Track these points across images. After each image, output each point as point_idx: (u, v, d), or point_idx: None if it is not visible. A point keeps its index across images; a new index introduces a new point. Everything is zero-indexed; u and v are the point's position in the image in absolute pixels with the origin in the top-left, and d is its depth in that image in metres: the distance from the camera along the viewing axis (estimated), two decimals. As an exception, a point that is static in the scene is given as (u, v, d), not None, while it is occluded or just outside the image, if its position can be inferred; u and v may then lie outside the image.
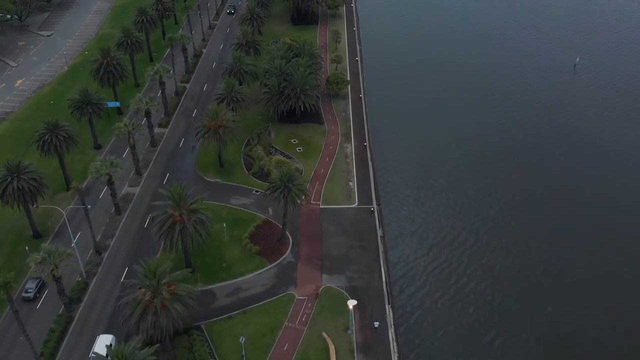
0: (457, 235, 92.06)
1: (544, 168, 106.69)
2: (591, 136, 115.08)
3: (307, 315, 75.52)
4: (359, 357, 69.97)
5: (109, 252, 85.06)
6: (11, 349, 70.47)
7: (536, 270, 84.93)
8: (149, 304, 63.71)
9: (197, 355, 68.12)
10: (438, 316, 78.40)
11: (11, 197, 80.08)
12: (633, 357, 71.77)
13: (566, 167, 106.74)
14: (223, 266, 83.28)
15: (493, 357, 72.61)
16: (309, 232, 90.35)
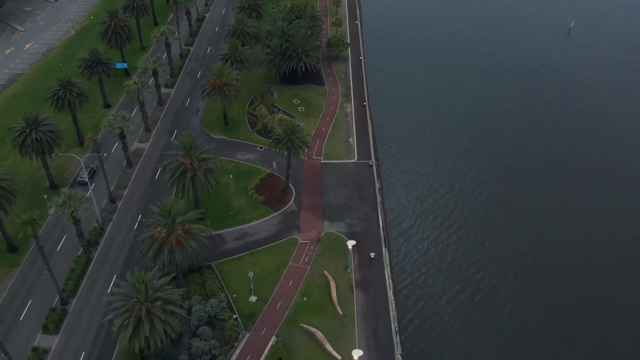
0: (449, 186, 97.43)
1: (536, 126, 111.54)
2: (585, 100, 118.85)
3: (309, 256, 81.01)
4: (358, 292, 75.62)
5: (123, 201, 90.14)
6: (34, 285, 75.93)
7: (521, 214, 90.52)
8: (164, 241, 68.91)
9: (208, 290, 73.69)
10: (430, 257, 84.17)
11: (30, 148, 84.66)
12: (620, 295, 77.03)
13: (559, 125, 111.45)
14: (231, 214, 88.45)
15: (476, 289, 78.39)
16: (311, 184, 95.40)
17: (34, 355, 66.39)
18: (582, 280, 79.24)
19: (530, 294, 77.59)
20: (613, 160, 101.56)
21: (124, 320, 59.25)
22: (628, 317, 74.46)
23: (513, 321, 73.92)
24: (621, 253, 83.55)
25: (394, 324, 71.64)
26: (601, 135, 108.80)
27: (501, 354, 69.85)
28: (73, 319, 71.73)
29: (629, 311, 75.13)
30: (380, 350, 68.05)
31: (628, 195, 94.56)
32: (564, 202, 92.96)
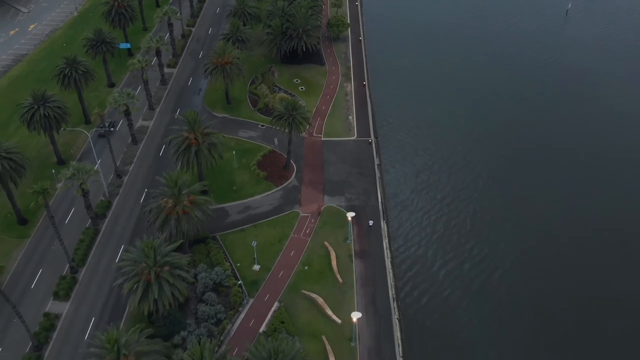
0: (446, 160, 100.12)
1: (533, 105, 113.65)
2: (584, 83, 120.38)
3: (310, 228, 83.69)
4: (357, 261, 78.43)
5: (129, 176, 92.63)
6: (44, 256, 78.65)
7: (513, 188, 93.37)
8: (170, 211, 71.47)
9: (213, 259, 76.42)
10: (425, 228, 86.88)
11: (38, 124, 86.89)
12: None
13: (555, 104, 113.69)
14: (234, 189, 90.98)
15: (467, 257, 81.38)
16: (312, 161, 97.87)
17: (46, 320, 69.21)
18: (570, 249, 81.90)
19: (519, 261, 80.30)
20: (609, 140, 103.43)
21: (133, 284, 61.95)
22: (616, 279, 77.34)
23: (501, 286, 76.77)
24: (614, 224, 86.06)
25: (391, 290, 74.52)
26: (598, 115, 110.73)
27: (489, 316, 72.84)
28: (83, 287, 74.55)
29: (617, 275, 77.96)
30: (379, 315, 70.98)
31: (621, 166, 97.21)
32: (557, 177, 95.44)
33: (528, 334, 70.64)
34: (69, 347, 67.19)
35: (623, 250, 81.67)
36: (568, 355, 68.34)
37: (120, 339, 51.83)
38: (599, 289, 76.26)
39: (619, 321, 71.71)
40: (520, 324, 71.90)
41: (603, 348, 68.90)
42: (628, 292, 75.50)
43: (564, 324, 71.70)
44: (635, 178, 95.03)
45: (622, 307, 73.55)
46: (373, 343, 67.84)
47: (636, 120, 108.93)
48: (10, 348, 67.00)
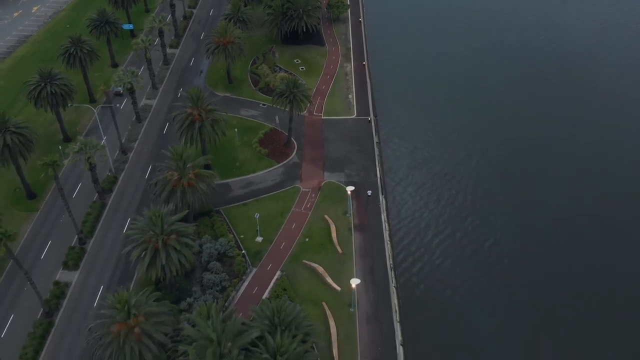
0: (442, 138, 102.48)
1: (529, 84, 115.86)
2: (582, 65, 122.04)
3: (311, 203, 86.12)
4: (356, 233, 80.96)
5: (133, 153, 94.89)
6: (53, 228, 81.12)
7: (507, 164, 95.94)
8: (176, 183, 73.79)
9: (217, 231, 78.92)
10: (422, 202, 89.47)
11: (45, 101, 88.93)
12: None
13: (551, 82, 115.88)
14: (236, 165, 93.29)
15: (462, 230, 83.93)
16: (312, 139, 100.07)
17: (56, 288, 71.82)
18: (561, 221, 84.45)
19: (510, 233, 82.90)
20: (608, 123, 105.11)
21: (141, 251, 64.41)
22: (606, 248, 79.99)
23: (492, 255, 79.55)
24: (607, 198, 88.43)
25: (389, 261, 77.13)
26: (596, 96, 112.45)
27: (480, 282, 75.72)
28: (91, 257, 77.08)
29: (608, 244, 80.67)
30: (377, 283, 73.65)
31: (617, 140, 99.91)
32: (552, 154, 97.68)
33: (516, 297, 73.52)
34: (78, 314, 69.82)
35: (616, 223, 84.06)
36: (555, 317, 71.07)
37: (130, 299, 54.35)
38: (588, 256, 79.06)
39: (607, 287, 74.42)
40: (509, 289, 74.79)
41: (585, 310, 71.64)
42: (619, 260, 78.07)
43: (552, 288, 74.55)
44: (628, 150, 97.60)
45: (612, 274, 76.20)
46: (371, 309, 70.53)
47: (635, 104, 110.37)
48: (23, 314, 69.59)
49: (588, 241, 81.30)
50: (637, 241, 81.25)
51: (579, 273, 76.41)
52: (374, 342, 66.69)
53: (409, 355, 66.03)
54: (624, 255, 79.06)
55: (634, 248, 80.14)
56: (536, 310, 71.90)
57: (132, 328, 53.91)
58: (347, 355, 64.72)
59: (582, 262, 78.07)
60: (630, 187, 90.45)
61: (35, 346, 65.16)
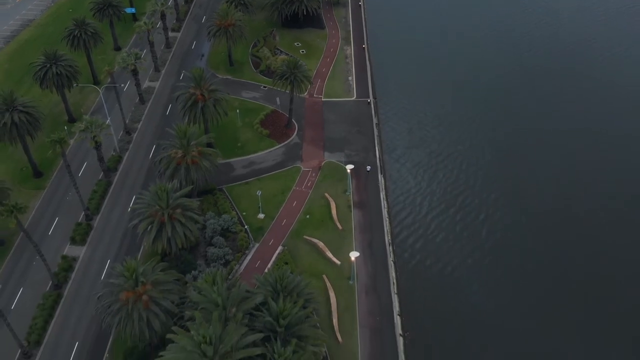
0: (440, 119, 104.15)
1: (527, 64, 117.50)
2: (584, 54, 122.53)
3: (311, 181, 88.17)
4: (355, 211, 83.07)
5: (137, 133, 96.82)
6: (60, 205, 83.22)
7: (504, 144, 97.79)
8: (180, 161, 75.77)
9: (220, 209, 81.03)
10: (419, 180, 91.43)
11: (50, 82, 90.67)
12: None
13: (548, 65, 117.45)
14: (238, 145, 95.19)
15: (458, 207, 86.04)
16: (313, 120, 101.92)
17: (64, 262, 74.06)
18: (554, 199, 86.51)
19: (502, 209, 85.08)
20: (607, 107, 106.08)
21: (147, 224, 66.54)
22: (599, 223, 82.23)
23: (485, 232, 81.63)
24: (602, 175, 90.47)
25: (387, 236, 79.31)
26: (595, 80, 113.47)
27: (474, 257, 78.03)
28: (98, 233, 79.25)
29: (601, 218, 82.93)
30: (375, 257, 75.92)
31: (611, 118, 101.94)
32: (547, 134, 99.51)
33: (507, 269, 75.92)
34: (86, 286, 72.07)
35: (609, 198, 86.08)
36: (545, 286, 73.64)
37: (138, 268, 56.52)
38: (580, 229, 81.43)
39: (599, 259, 76.70)
40: (500, 261, 77.11)
41: (574, 280, 73.86)
42: (612, 233, 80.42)
43: (543, 261, 76.92)
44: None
45: (605, 246, 78.59)
46: (370, 281, 72.82)
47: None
48: (32, 287, 71.86)
49: (581, 215, 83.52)
50: (628, 212, 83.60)
51: (570, 245, 78.72)
52: (372, 312, 69.05)
53: (406, 325, 68.37)
54: (618, 227, 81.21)
55: (627, 219, 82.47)
56: (526, 280, 74.25)
57: (140, 295, 56.11)
58: (346, 324, 67.10)
59: (574, 235, 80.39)
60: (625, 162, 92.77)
61: (45, 317, 67.48)
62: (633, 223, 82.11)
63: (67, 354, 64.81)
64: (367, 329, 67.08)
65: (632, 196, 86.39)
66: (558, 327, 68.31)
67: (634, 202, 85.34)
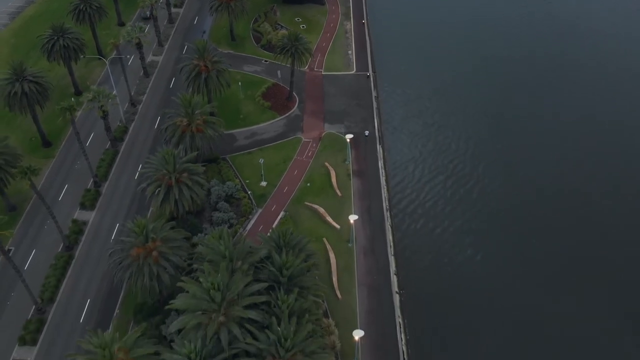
0: (437, 91, 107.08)
1: (526, 42, 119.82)
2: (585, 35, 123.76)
3: (312, 151, 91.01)
4: (354, 179, 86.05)
5: (142, 105, 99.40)
6: (69, 173, 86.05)
7: (503, 115, 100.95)
8: (185, 129, 78.41)
9: (224, 176, 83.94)
10: (415, 150, 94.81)
11: (57, 54, 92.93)
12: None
13: (550, 45, 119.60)
14: (240, 117, 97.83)
15: (450, 174, 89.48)
16: (313, 93, 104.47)
17: (74, 226, 77.11)
18: (546, 168, 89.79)
19: (493, 177, 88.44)
20: (606, 79, 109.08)
21: (156, 188, 69.40)
22: (591, 188, 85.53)
23: (477, 198, 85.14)
24: (592, 143, 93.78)
25: (385, 202, 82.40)
26: (592, 55, 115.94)
27: (465, 219, 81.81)
28: (106, 199, 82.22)
29: (592, 181, 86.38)
30: (373, 222, 79.08)
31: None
32: (543, 106, 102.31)
33: (495, 229, 80.00)
34: (96, 249, 75.19)
35: (601, 165, 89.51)
36: (530, 243, 77.55)
37: (148, 225, 59.54)
38: (566, 194, 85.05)
39: (589, 222, 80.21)
40: (489, 223, 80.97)
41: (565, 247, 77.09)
42: (603, 195, 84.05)
43: (529, 220, 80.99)
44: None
45: (596, 207, 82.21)
46: (368, 244, 76.02)
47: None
48: (45, 249, 74.91)
49: (569, 179, 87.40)
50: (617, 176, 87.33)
51: (556, 208, 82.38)
52: (370, 271, 72.34)
53: (401, 282, 71.78)
54: (611, 190, 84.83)
55: (620, 182, 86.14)
56: (512, 238, 78.47)
57: (150, 251, 59.17)
58: (345, 283, 70.41)
59: (560, 198, 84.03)
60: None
61: (57, 276, 70.64)
62: (621, 184, 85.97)
63: (79, 310, 68.09)
64: (365, 287, 70.41)
65: (623, 162, 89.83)
66: (543, 280, 72.20)
67: (625, 168, 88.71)
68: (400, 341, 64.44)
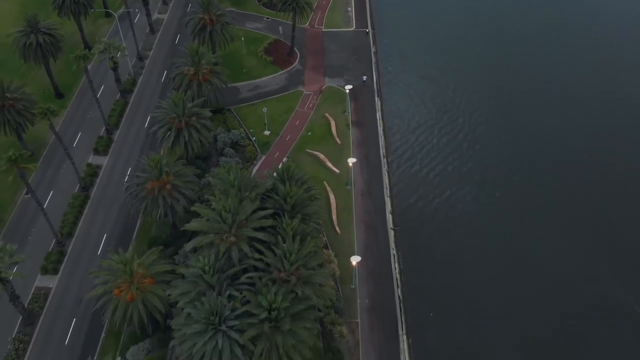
0: (437, 44, 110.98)
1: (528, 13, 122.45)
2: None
3: (313, 103, 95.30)
4: (353, 128, 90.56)
5: (149, 60, 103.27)
6: (82, 122, 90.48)
7: (501, 74, 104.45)
8: (192, 77, 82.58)
9: (229, 125, 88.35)
10: (411, 101, 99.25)
11: (68, 9, 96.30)
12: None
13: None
14: (244, 71, 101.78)
15: (444, 123, 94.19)
16: (313, 49, 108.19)
17: (89, 169, 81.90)
18: (541, 127, 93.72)
19: (488, 126, 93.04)
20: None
21: (166, 130, 73.94)
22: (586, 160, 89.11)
23: (468, 145, 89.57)
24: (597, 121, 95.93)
25: (382, 150, 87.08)
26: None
27: (455, 163, 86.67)
28: (118, 145, 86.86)
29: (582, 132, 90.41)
30: (371, 167, 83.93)
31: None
32: (543, 70, 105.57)
33: (484, 173, 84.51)
34: (110, 190, 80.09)
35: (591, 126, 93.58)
36: (517, 184, 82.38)
37: (162, 160, 64.26)
38: (552, 141, 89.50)
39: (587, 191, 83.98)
40: (478, 168, 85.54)
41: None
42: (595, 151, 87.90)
43: (516, 165, 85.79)
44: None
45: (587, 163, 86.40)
46: (365, 187, 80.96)
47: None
48: (62, 190, 79.74)
49: (556, 125, 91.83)
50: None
51: (542, 155, 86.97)
52: (367, 211, 77.43)
53: (396, 220, 76.96)
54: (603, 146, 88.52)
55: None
56: (499, 179, 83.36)
57: (164, 184, 64.03)
58: (344, 220, 75.55)
59: (547, 147, 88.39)
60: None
61: (75, 213, 75.65)
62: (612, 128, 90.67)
63: (97, 244, 73.27)
64: (362, 224, 75.58)
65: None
66: (526, 216, 77.21)
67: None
68: (395, 270, 69.88)
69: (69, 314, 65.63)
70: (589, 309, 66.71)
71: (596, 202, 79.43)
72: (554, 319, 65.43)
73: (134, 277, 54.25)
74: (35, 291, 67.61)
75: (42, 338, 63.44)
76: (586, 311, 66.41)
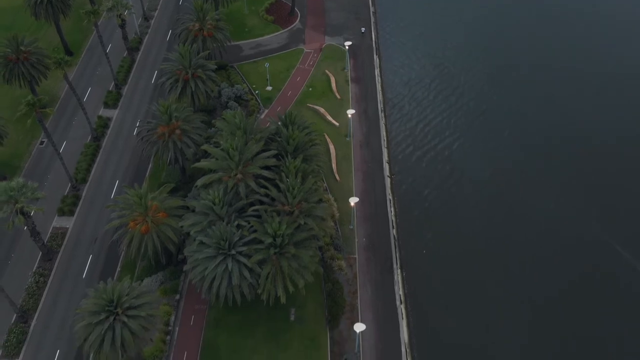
0: (436, 13, 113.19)
1: None
2: None
3: (313, 61, 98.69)
4: (353, 85, 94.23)
5: (155, 20, 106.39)
6: (91, 78, 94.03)
7: (496, 34, 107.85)
8: (197, 33, 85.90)
9: (233, 81, 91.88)
10: (407, 60, 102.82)
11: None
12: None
13: None
14: (246, 30, 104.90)
15: (437, 79, 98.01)
16: (314, 9, 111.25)
17: (100, 120, 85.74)
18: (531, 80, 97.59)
19: (479, 80, 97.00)
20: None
21: (174, 82, 77.60)
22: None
23: (460, 99, 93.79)
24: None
25: (379, 104, 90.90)
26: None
27: (447, 118, 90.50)
28: (127, 99, 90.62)
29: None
30: (369, 120, 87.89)
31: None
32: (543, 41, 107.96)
33: (473, 124, 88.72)
34: (121, 140, 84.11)
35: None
36: (502, 135, 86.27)
37: (171, 106, 68.15)
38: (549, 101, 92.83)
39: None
40: (468, 119, 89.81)
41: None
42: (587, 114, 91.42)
43: (506, 118, 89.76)
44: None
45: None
46: (363, 138, 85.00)
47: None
48: (75, 140, 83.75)
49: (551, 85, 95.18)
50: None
51: (535, 113, 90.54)
52: (365, 160, 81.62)
53: (392, 168, 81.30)
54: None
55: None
56: (488, 129, 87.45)
57: (174, 129, 68.03)
58: (344, 169, 79.78)
59: (541, 106, 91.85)
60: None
61: (88, 161, 79.77)
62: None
63: (109, 188, 77.47)
64: (360, 172, 79.85)
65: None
66: (517, 166, 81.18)
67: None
68: (390, 212, 74.37)
69: (85, 252, 70.19)
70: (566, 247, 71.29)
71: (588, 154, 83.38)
72: (541, 255, 69.76)
73: (149, 210, 58.60)
74: (53, 231, 72.09)
75: (61, 272, 68.07)
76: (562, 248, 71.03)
